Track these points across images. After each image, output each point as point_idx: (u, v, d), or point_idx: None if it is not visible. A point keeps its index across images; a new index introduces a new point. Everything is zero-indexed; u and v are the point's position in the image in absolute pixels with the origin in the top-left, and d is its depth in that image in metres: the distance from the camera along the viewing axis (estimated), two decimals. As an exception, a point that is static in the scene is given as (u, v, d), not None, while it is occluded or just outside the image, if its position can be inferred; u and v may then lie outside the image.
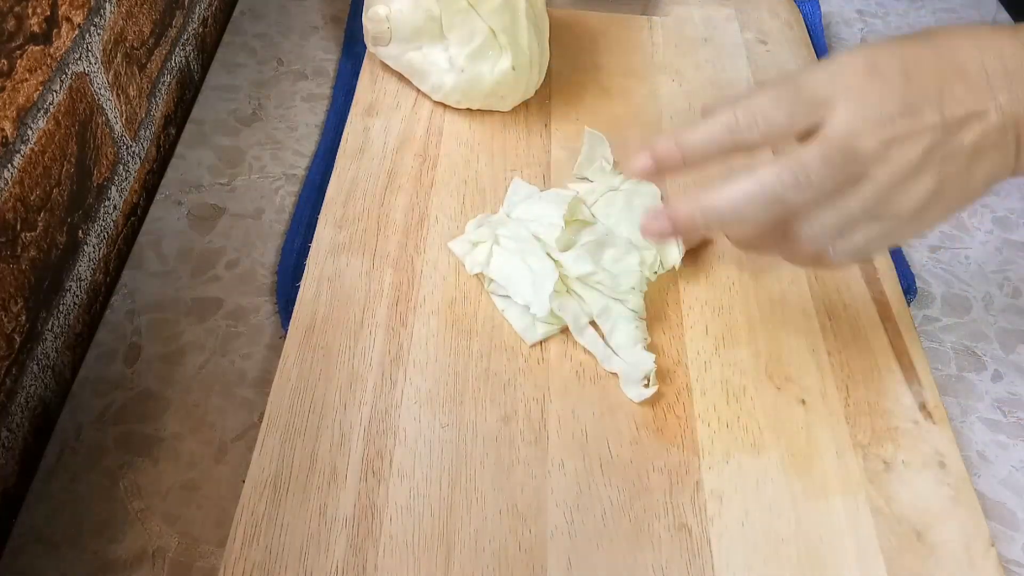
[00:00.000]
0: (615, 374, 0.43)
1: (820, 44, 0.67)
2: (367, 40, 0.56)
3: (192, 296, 0.48)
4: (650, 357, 0.42)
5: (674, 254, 0.46)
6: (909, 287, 0.50)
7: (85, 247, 0.48)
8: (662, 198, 0.50)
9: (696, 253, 0.49)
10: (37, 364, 0.43)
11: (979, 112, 0.33)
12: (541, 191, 0.50)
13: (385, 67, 0.58)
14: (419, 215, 0.49)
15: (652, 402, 0.42)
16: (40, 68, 0.41)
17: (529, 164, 0.53)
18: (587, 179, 0.52)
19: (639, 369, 0.42)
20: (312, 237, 0.48)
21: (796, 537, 0.38)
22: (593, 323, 0.45)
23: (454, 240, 0.48)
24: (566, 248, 0.45)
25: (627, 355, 0.43)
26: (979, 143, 0.33)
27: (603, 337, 0.44)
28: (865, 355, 0.45)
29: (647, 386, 0.41)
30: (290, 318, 0.44)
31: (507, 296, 0.45)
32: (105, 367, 0.45)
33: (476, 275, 0.46)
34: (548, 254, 0.45)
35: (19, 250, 0.40)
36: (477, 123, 0.55)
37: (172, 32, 0.58)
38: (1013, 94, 0.33)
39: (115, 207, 0.51)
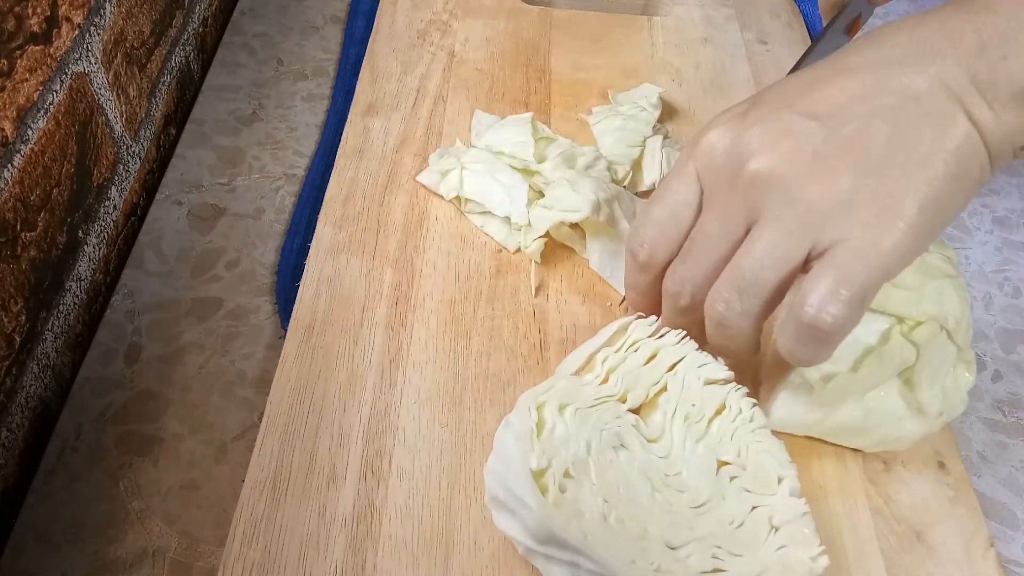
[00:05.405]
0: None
1: (820, 44, 0.67)
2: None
3: (192, 296, 0.48)
4: None
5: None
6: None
7: (85, 247, 0.48)
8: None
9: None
10: (37, 364, 0.43)
11: None
12: (501, 119, 0.53)
13: (385, 67, 0.58)
14: (419, 215, 0.49)
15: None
16: (40, 68, 0.41)
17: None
18: None
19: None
20: (312, 237, 0.48)
21: (795, 537, 0.38)
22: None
23: (422, 173, 0.50)
24: (541, 160, 0.49)
25: None
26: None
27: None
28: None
29: None
30: (290, 318, 0.44)
31: (484, 213, 0.48)
32: (105, 367, 0.45)
33: (452, 199, 0.49)
34: (526, 167, 0.48)
35: (19, 250, 0.40)
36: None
37: (172, 32, 0.58)
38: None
39: (115, 207, 0.51)
